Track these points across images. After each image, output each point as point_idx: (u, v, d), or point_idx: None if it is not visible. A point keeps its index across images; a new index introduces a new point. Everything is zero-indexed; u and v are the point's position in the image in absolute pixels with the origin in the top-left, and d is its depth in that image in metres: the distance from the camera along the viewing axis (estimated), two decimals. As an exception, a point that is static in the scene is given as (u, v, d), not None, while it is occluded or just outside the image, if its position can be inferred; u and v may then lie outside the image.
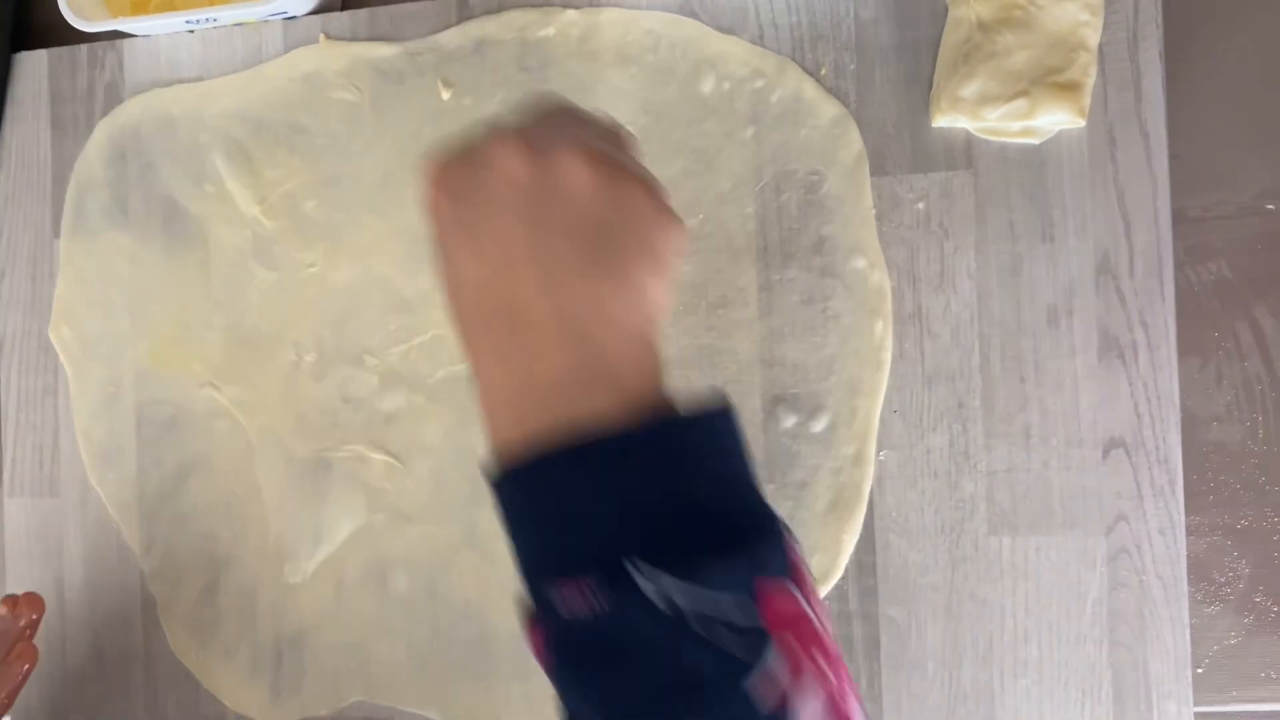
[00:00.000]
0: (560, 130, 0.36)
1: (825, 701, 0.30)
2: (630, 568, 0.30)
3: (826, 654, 0.31)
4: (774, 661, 0.30)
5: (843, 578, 0.53)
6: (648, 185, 0.35)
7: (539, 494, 0.32)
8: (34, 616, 0.57)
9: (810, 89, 0.54)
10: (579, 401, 0.32)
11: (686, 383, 0.55)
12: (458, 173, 0.35)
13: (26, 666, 0.55)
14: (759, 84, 0.55)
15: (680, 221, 0.36)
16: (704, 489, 0.32)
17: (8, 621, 0.56)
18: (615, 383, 0.33)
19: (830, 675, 0.31)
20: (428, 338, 0.58)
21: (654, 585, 0.30)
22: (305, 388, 0.60)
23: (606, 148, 0.35)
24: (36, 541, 0.64)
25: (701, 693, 0.29)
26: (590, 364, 0.33)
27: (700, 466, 0.32)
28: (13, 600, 0.57)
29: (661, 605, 0.29)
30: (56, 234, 0.63)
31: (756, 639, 0.30)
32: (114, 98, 0.63)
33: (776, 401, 0.54)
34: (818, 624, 0.32)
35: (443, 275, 0.36)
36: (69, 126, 0.63)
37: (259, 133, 0.60)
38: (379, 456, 0.58)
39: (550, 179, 0.33)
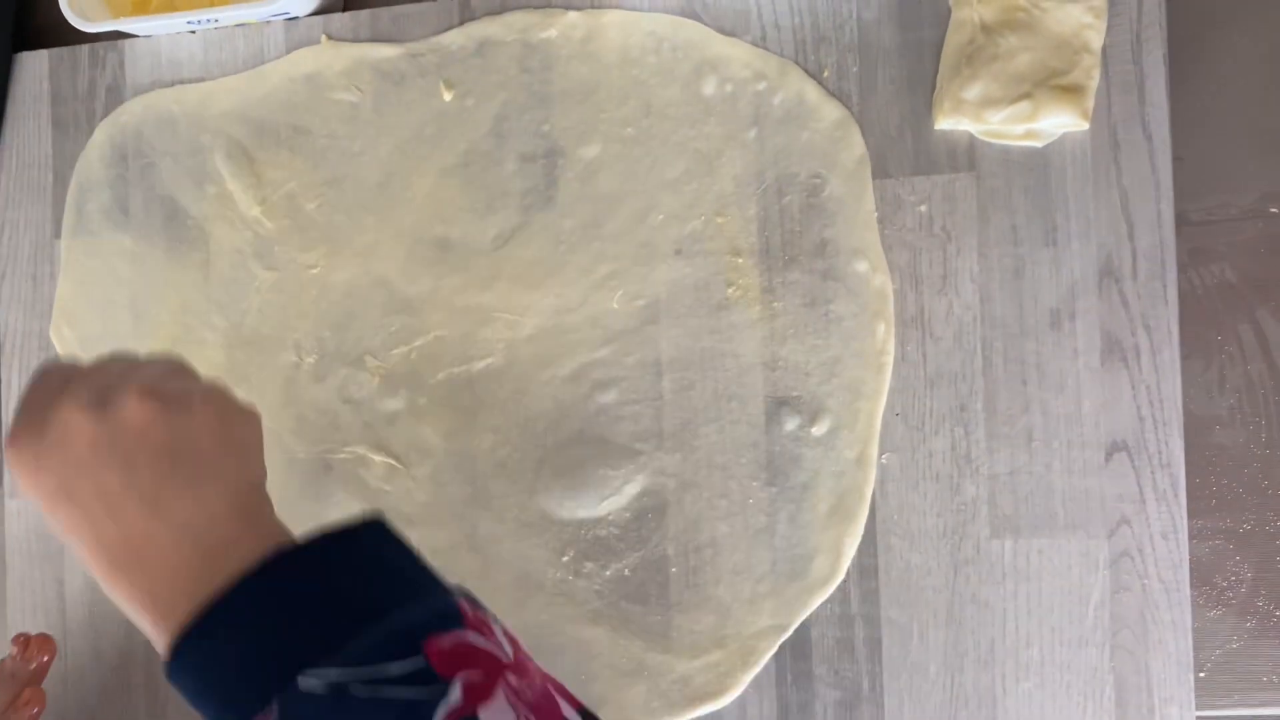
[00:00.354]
0: (113, 375, 0.40)
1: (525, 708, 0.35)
2: (302, 678, 0.33)
3: (524, 674, 0.36)
4: (457, 695, 0.33)
5: (844, 580, 0.53)
6: (206, 394, 0.41)
7: (203, 662, 0.36)
8: (44, 659, 0.56)
9: (812, 91, 0.54)
10: (205, 582, 0.36)
11: (687, 386, 0.55)
12: (34, 452, 0.39)
13: (35, 710, 0.55)
14: (761, 86, 0.55)
15: (246, 409, 0.42)
16: (347, 588, 0.37)
17: (18, 664, 0.55)
18: (232, 557, 0.37)
19: (529, 689, 0.36)
20: (429, 339, 0.58)
21: (320, 681, 0.33)
22: (306, 389, 0.59)
23: (159, 374, 0.41)
24: (37, 543, 0.64)
25: None
26: (204, 554, 0.37)
27: (338, 572, 0.37)
28: (24, 641, 0.56)
29: (324, 693, 0.33)
30: (57, 234, 0.63)
31: (437, 687, 0.33)
32: (115, 98, 0.63)
33: (778, 404, 0.54)
34: (502, 653, 0.36)
35: (70, 541, 0.39)
36: (70, 127, 0.63)
37: (260, 133, 0.60)
38: (379, 458, 0.58)
39: (117, 425, 0.38)
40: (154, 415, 0.39)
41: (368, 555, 0.39)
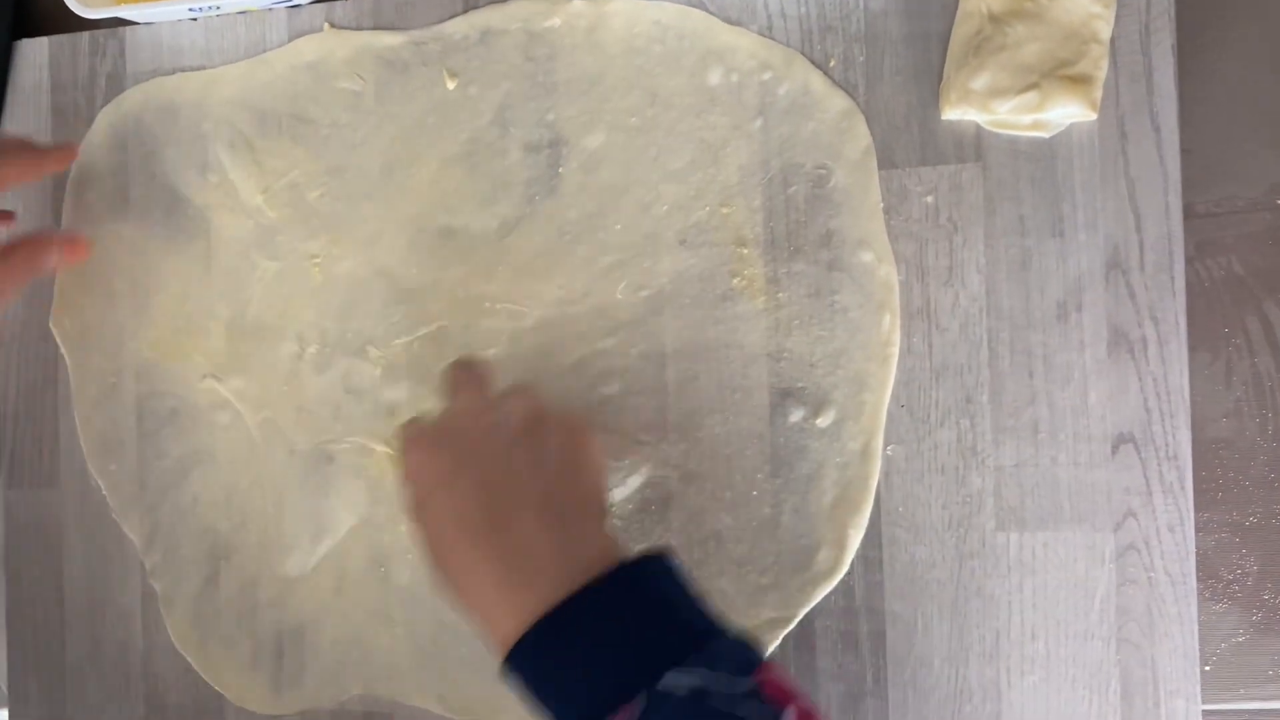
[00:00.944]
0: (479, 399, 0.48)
1: None
2: (669, 675, 0.37)
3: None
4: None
5: (849, 573, 0.53)
6: (570, 419, 0.46)
7: (560, 653, 0.39)
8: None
9: (818, 82, 0.54)
10: (567, 582, 0.40)
11: (691, 377, 0.55)
12: (430, 438, 0.45)
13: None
14: (766, 76, 0.54)
15: (593, 436, 0.47)
16: (677, 605, 0.40)
17: None
18: (592, 563, 0.40)
19: None
20: (431, 330, 0.58)
21: (685, 681, 0.36)
22: (307, 379, 0.59)
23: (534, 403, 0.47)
24: (36, 533, 0.63)
25: None
26: (569, 554, 0.41)
27: (670, 589, 0.41)
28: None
29: (685, 695, 0.36)
30: (57, 223, 0.63)
31: (770, 711, 0.37)
32: (116, 86, 0.62)
33: (783, 395, 0.54)
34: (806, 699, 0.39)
35: (425, 521, 0.44)
36: (70, 114, 0.63)
37: (262, 122, 0.60)
38: (381, 449, 0.58)
39: (499, 424, 0.45)
40: (539, 420, 0.45)
41: (687, 578, 0.42)
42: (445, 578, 0.44)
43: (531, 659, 0.39)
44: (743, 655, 0.39)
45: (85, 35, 0.63)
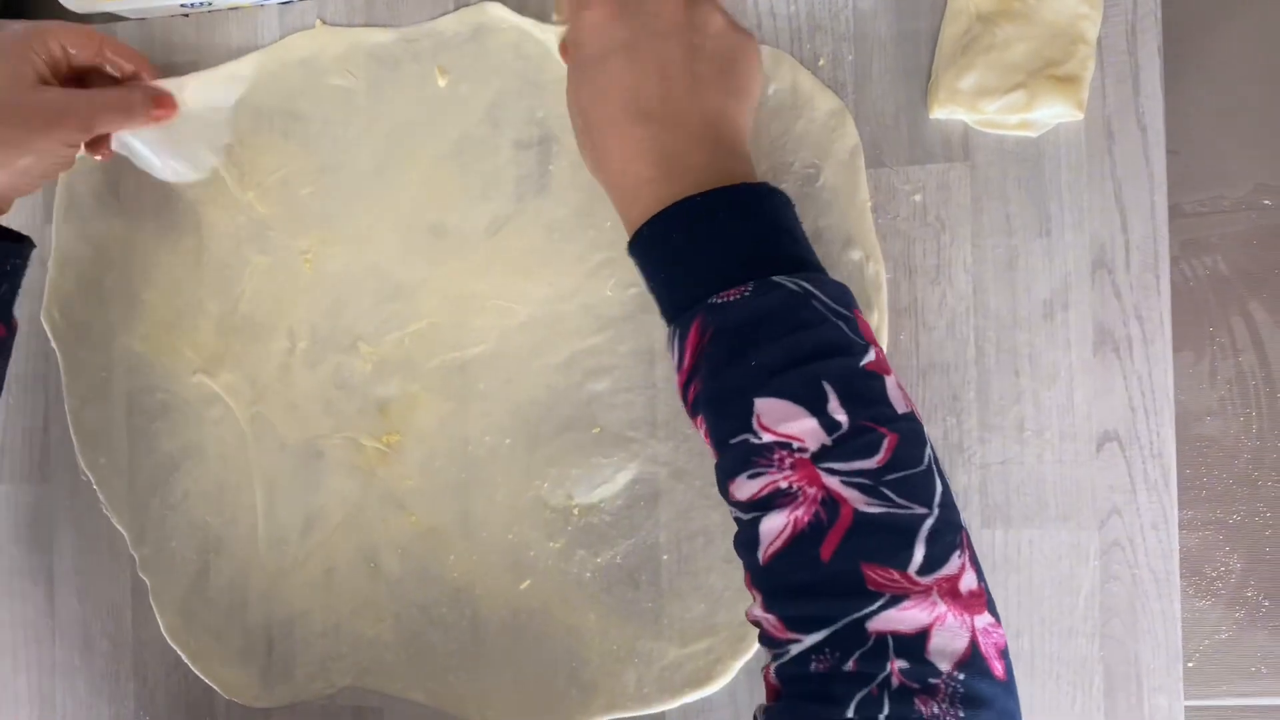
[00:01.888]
0: None
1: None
2: (777, 278, 0.39)
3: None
4: (876, 360, 0.39)
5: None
6: (746, 31, 0.46)
7: (689, 230, 0.41)
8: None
9: (806, 81, 0.54)
10: (710, 178, 0.42)
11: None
12: (620, 5, 0.44)
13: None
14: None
15: (757, 51, 0.47)
16: (800, 239, 0.43)
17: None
18: (734, 169, 0.43)
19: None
20: (422, 326, 0.58)
21: (791, 283, 0.39)
22: (298, 375, 0.59)
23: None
24: (26, 528, 0.63)
25: (834, 357, 0.38)
26: (722, 152, 0.43)
27: (794, 223, 0.43)
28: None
29: (795, 288, 0.39)
30: (48, 219, 0.63)
31: (861, 338, 0.40)
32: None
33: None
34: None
35: (588, 85, 0.44)
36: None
37: (254, 119, 0.60)
38: (371, 444, 0.58)
39: (692, 17, 0.44)
40: (725, 26, 0.45)
41: (798, 221, 0.44)
42: (594, 145, 0.45)
43: (658, 239, 0.42)
44: (843, 292, 0.41)
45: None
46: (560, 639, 0.56)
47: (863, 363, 0.39)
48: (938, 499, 0.38)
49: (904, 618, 0.36)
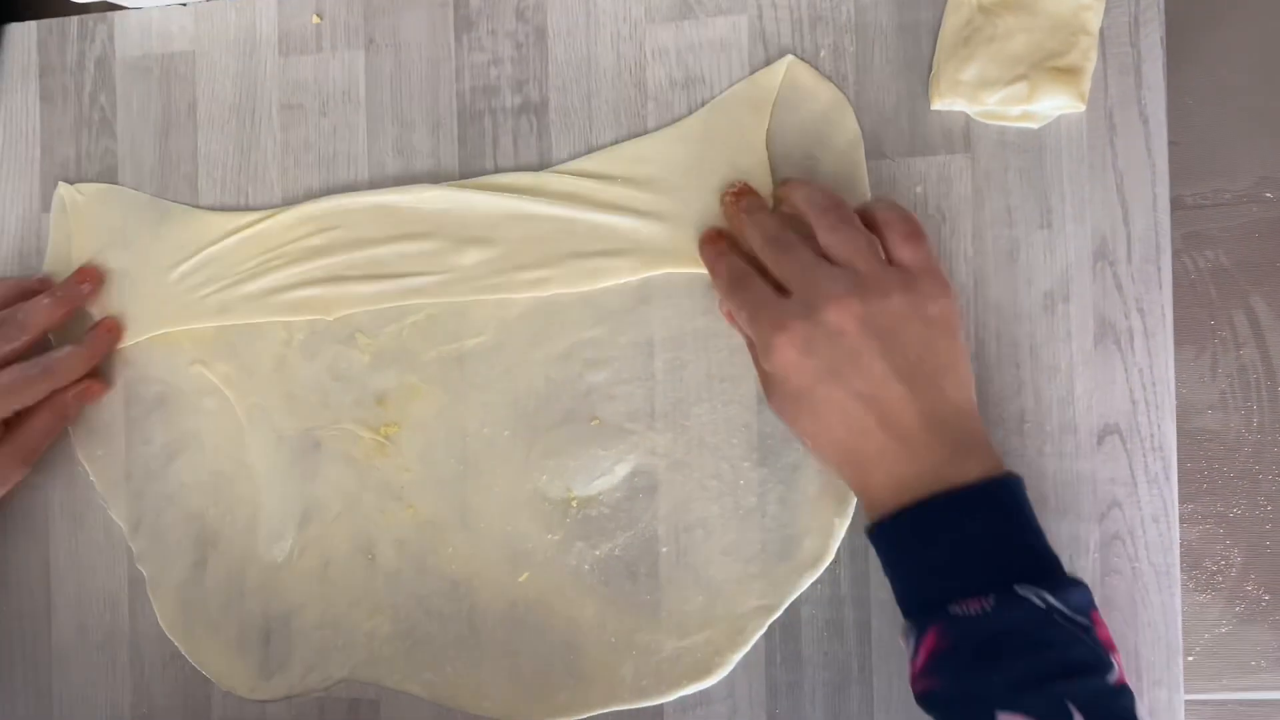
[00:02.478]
0: (863, 259, 0.45)
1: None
2: (1018, 587, 0.40)
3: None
4: (1118, 672, 0.40)
5: (834, 561, 0.53)
6: (945, 293, 0.45)
7: (930, 532, 0.42)
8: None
9: (806, 74, 0.54)
10: (951, 475, 0.42)
11: (679, 366, 0.55)
12: (807, 336, 0.44)
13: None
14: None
15: (957, 302, 0.47)
16: (1039, 532, 0.43)
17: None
18: (973, 457, 0.43)
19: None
20: (420, 317, 0.58)
21: (1035, 597, 0.40)
22: (296, 366, 0.59)
23: (907, 263, 0.45)
24: (23, 519, 0.63)
25: (1079, 677, 0.39)
26: (956, 447, 0.43)
27: (1033, 515, 0.43)
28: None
29: (1039, 603, 0.39)
30: (45, 208, 0.63)
31: (1104, 651, 0.40)
32: (104, 71, 0.62)
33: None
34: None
35: (815, 409, 0.45)
36: (58, 99, 0.63)
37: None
38: (369, 435, 0.58)
39: (877, 318, 0.43)
40: (908, 310, 0.44)
41: (1030, 507, 0.44)
42: (818, 447, 0.46)
43: (897, 537, 0.43)
44: (1082, 594, 0.41)
45: (74, 19, 0.62)
46: (558, 631, 0.56)
47: (1110, 679, 0.40)
48: None
49: None
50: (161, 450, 0.61)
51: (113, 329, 0.60)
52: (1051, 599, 0.40)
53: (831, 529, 0.53)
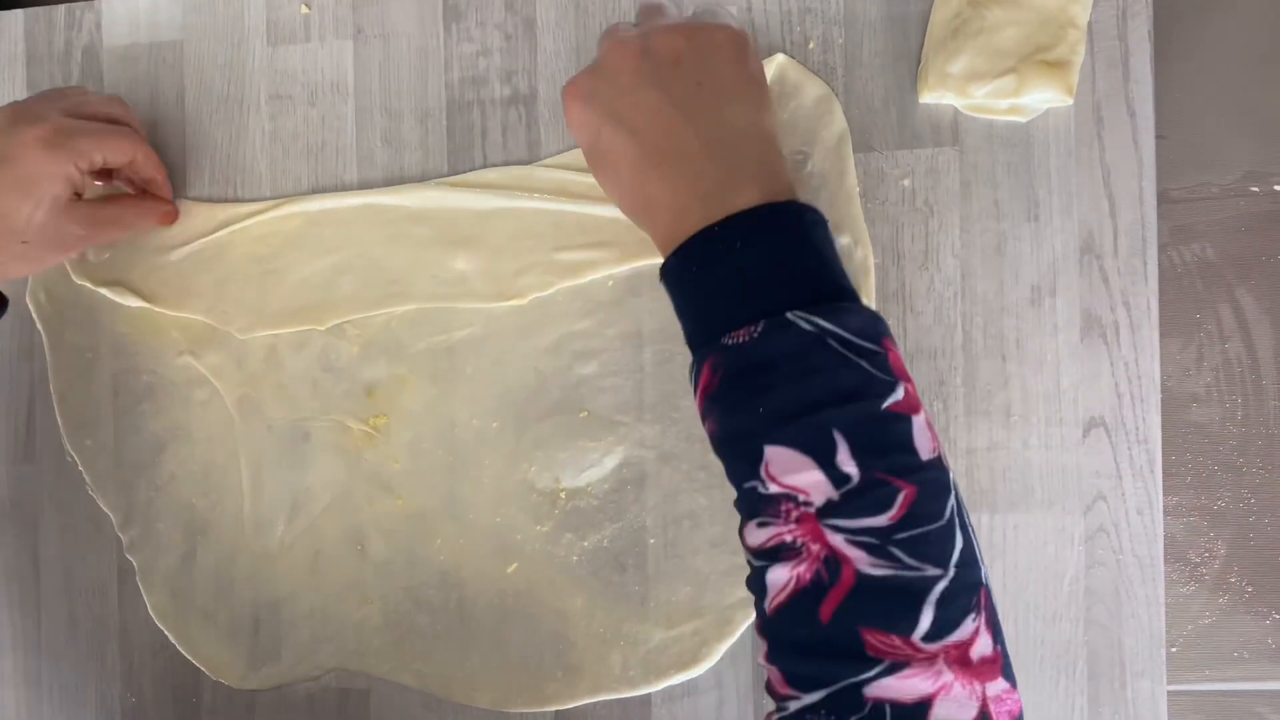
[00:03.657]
0: (655, 15, 0.46)
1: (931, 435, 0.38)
2: (791, 316, 0.38)
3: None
4: (904, 399, 0.37)
5: (822, 553, 0.53)
6: (727, 26, 0.44)
7: (706, 262, 0.40)
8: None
9: (793, 71, 0.54)
10: (730, 198, 0.40)
11: (668, 358, 0.55)
12: (589, 86, 0.44)
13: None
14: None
15: (749, 42, 0.45)
16: (828, 260, 0.40)
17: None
18: (755, 182, 0.41)
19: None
20: (410, 309, 0.57)
21: (805, 323, 0.37)
22: (285, 357, 0.59)
23: (695, 14, 0.45)
24: (12, 509, 0.63)
25: (847, 404, 0.37)
26: (734, 170, 0.41)
27: (822, 243, 0.40)
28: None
29: (810, 329, 0.37)
30: (33, 198, 0.62)
31: (887, 376, 0.37)
32: (91, 59, 0.62)
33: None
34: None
35: (604, 158, 0.44)
36: (46, 88, 0.62)
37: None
38: (358, 426, 0.58)
39: (655, 56, 0.43)
40: (684, 47, 0.43)
41: (827, 239, 0.42)
42: (618, 199, 0.45)
43: (679, 272, 0.41)
44: (872, 323, 0.39)
45: (61, 8, 0.62)
46: (547, 622, 0.56)
47: (885, 405, 0.37)
48: (955, 558, 0.36)
49: (904, 686, 0.34)
50: (151, 440, 0.61)
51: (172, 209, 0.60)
52: (825, 323, 0.37)
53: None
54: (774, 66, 0.54)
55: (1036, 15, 0.50)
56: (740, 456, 0.38)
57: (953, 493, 0.38)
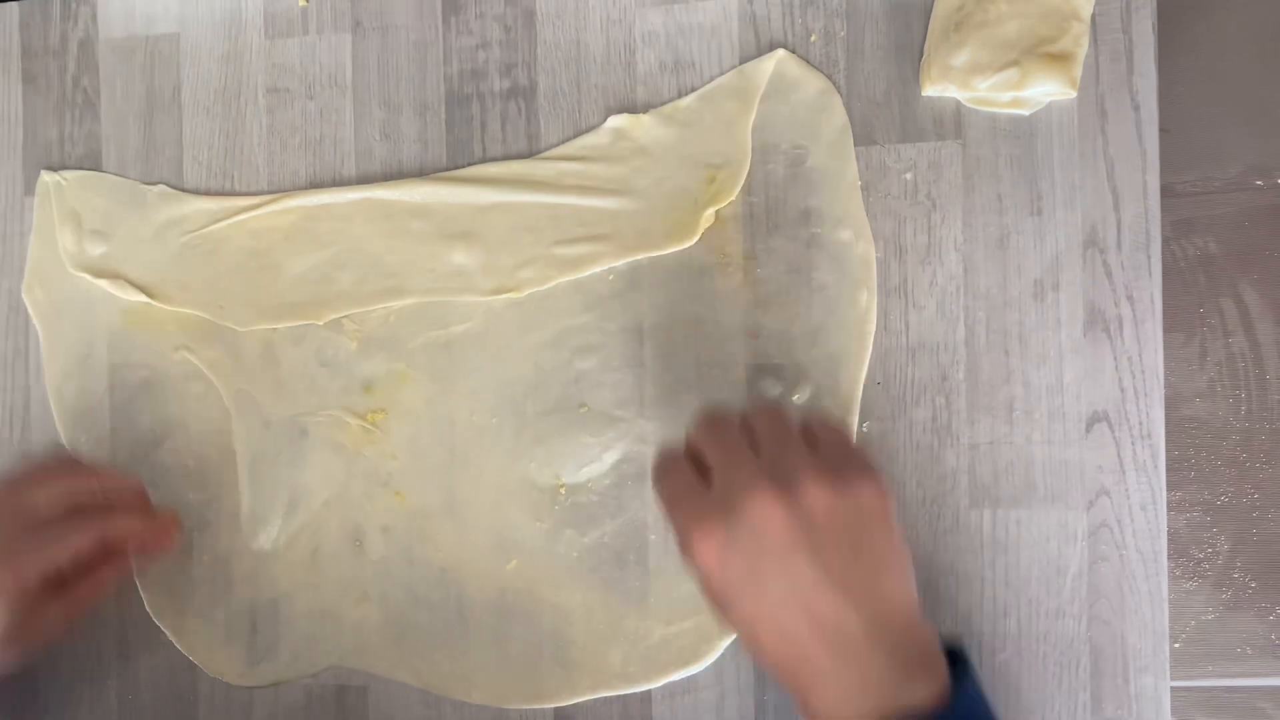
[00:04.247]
0: (788, 450, 0.41)
1: None
2: None
3: None
4: None
5: (823, 549, 0.53)
6: (873, 479, 0.41)
7: None
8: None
9: (793, 67, 0.54)
10: (904, 695, 0.38)
11: (668, 353, 0.54)
12: (727, 536, 0.39)
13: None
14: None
15: (892, 497, 0.41)
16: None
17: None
18: (924, 671, 0.39)
19: None
20: (408, 304, 0.57)
21: None
22: (283, 352, 0.59)
23: (831, 453, 0.41)
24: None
25: None
26: (903, 661, 0.38)
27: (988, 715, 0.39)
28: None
29: None
30: (29, 191, 0.62)
31: None
32: (87, 52, 0.61)
33: (760, 371, 0.54)
34: None
35: (736, 614, 0.40)
36: (41, 81, 0.62)
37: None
38: (356, 422, 0.58)
39: (802, 513, 0.39)
40: (837, 507, 0.39)
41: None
42: (760, 664, 0.42)
43: None
44: None
45: (56, 0, 0.62)
46: (546, 618, 0.56)
47: None
48: None
49: None
50: (147, 435, 0.60)
51: (170, 527, 0.57)
52: None
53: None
54: (774, 62, 0.54)
55: (1039, 8, 0.50)
56: None
57: None
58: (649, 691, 0.55)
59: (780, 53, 0.54)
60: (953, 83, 0.51)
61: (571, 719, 0.55)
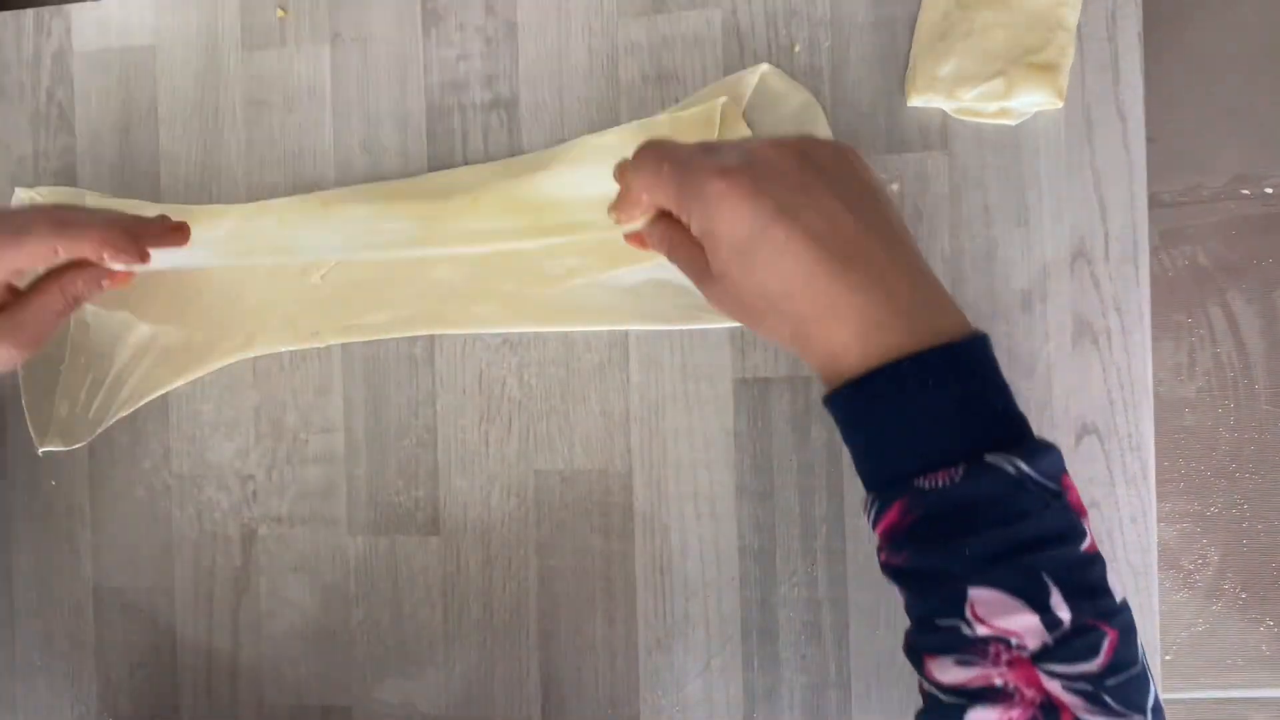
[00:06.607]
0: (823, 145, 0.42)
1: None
2: (991, 460, 0.36)
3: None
4: (1091, 539, 0.37)
5: (813, 564, 0.53)
6: (830, 140, 0.43)
7: (895, 401, 0.38)
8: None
9: (776, 81, 0.53)
10: (936, 322, 0.38)
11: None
12: (751, 178, 0.39)
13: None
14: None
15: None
16: (1010, 396, 0.39)
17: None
18: (946, 308, 0.39)
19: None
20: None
21: (1008, 466, 0.36)
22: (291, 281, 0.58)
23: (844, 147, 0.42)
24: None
25: (1051, 547, 0.36)
26: (929, 291, 0.39)
27: (1001, 375, 0.39)
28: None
29: (1012, 472, 0.36)
30: (11, 183, 0.61)
31: (1075, 518, 0.37)
32: (61, 65, 0.60)
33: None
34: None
35: (767, 254, 0.40)
36: (14, 95, 0.61)
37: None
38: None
39: (810, 157, 0.40)
40: (835, 153, 0.41)
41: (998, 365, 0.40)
42: (774, 325, 0.41)
43: (859, 407, 0.39)
44: (1054, 459, 0.38)
45: (30, 12, 0.61)
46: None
47: (1082, 547, 0.37)
48: (1151, 702, 0.37)
49: None
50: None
51: (179, 230, 0.52)
52: (1023, 465, 0.36)
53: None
54: (757, 76, 0.53)
55: (1025, 17, 0.50)
56: (934, 594, 0.38)
57: (1137, 634, 0.38)
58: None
59: (764, 67, 0.53)
60: (938, 93, 0.51)
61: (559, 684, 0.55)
